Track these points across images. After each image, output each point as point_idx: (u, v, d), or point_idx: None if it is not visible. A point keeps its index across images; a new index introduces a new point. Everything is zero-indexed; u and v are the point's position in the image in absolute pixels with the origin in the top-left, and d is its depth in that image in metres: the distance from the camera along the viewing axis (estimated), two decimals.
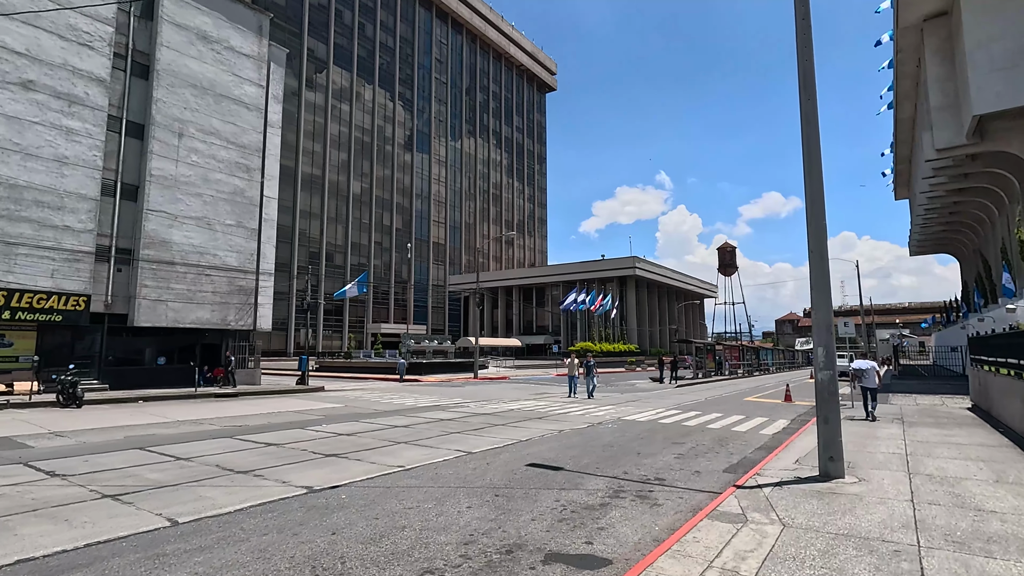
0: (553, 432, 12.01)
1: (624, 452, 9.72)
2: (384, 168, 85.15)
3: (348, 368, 42.50)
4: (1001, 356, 12.15)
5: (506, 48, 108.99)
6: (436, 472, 8.00)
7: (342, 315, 77.18)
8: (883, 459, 8.77)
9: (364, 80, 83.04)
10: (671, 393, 24.24)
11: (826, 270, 7.68)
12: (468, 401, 19.61)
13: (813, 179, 7.81)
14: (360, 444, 10.34)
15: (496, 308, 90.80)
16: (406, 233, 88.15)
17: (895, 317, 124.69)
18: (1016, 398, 10.55)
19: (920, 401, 19.15)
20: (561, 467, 8.41)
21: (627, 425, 13.31)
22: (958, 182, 36.30)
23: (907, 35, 34.04)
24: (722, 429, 12.88)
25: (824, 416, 7.47)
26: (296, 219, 72.07)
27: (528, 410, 16.54)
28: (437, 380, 34.00)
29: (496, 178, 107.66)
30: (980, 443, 10.20)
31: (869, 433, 11.52)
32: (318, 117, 75.94)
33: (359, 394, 23.44)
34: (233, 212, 25.76)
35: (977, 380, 15.96)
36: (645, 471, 8.23)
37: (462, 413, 15.64)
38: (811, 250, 7.78)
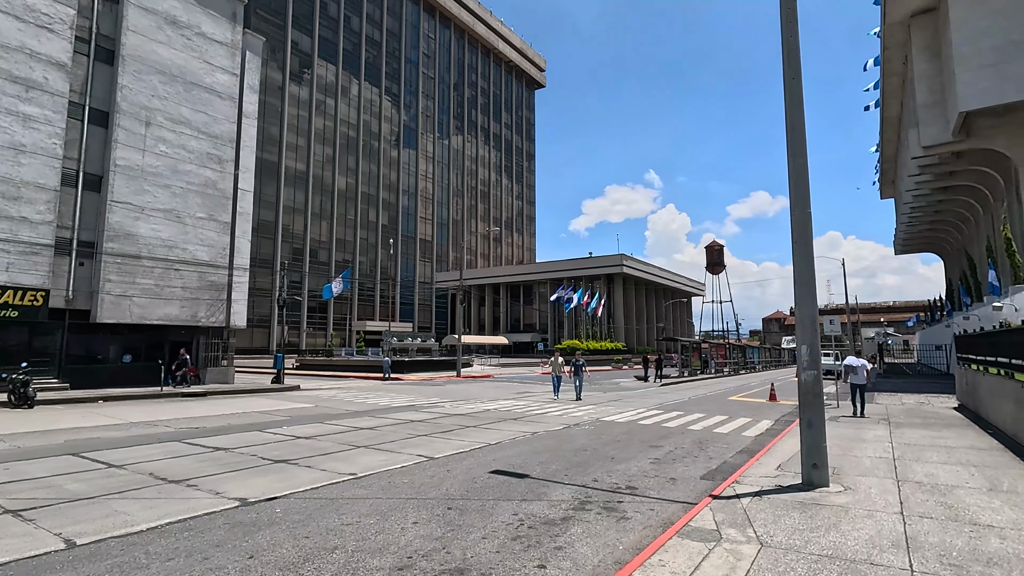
0: (526, 435, 11.40)
1: (597, 457, 9.12)
2: (370, 163, 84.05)
3: (329, 366, 41.62)
4: (991, 355, 11.72)
5: (494, 44, 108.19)
6: (389, 481, 7.34)
7: (326, 312, 76.13)
8: (870, 464, 8.25)
9: (350, 74, 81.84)
10: (655, 392, 23.75)
11: (811, 262, 7.12)
12: (445, 401, 18.96)
13: (797, 163, 7.24)
14: (317, 448, 9.66)
15: (483, 306, 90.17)
16: (392, 229, 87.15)
17: (880, 316, 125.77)
18: (1007, 399, 10.11)
19: (905, 400, 18.80)
20: (527, 474, 7.80)
21: (605, 427, 12.74)
22: (943, 180, 36.21)
23: (894, 31, 33.83)
24: (703, 431, 12.35)
25: (808, 420, 6.91)
26: (280, 215, 70.85)
27: (505, 411, 15.92)
28: (419, 379, 33.29)
29: (484, 175, 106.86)
30: (970, 446, 9.74)
31: (855, 435, 11.04)
32: (302, 111, 74.70)
33: (334, 393, 22.69)
34: (204, 205, 24.83)
35: (964, 379, 15.60)
36: (617, 478, 7.64)
37: (435, 414, 14.99)
38: (795, 241, 7.21)
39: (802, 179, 7.21)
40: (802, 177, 7.22)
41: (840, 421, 13.34)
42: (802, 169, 7.23)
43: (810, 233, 7.17)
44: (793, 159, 7.27)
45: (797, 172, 7.23)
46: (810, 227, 7.19)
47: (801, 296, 7.11)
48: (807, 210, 7.19)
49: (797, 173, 7.23)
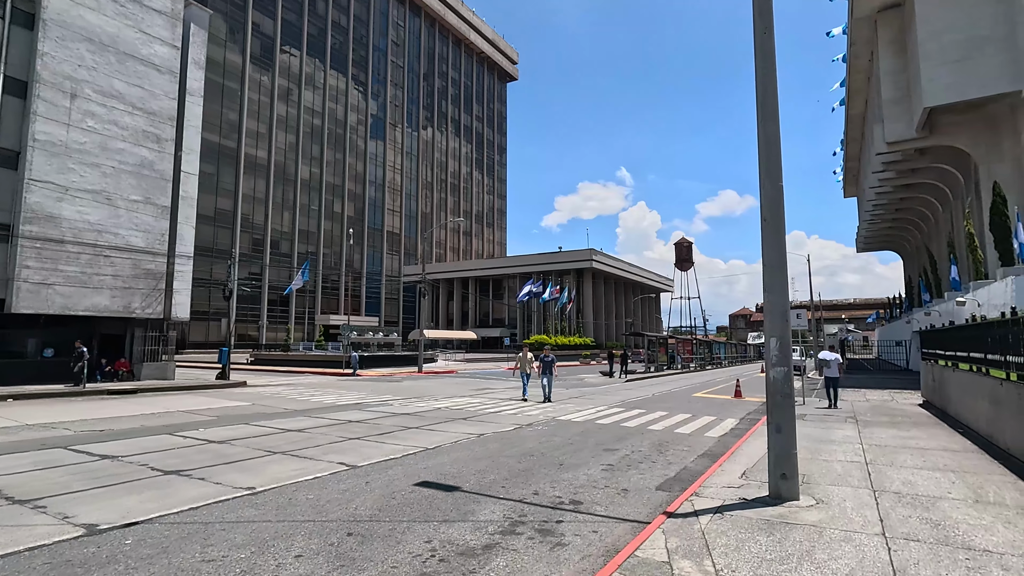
0: (471, 437, 10.33)
1: (544, 463, 8.12)
2: (336, 153, 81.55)
3: (286, 361, 39.81)
4: (962, 350, 11.17)
5: (466, 34, 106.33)
6: (291, 497, 6.18)
7: (288, 306, 73.56)
8: (842, 470, 7.45)
9: (315, 60, 79.09)
10: (619, 388, 22.99)
11: (782, 244, 6.23)
12: (396, 399, 17.75)
13: (768, 129, 6.33)
14: (224, 455, 8.39)
15: (452, 300, 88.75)
16: (359, 221, 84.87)
17: (841, 313, 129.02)
18: (982, 397, 9.50)
19: (870, 397, 18.43)
20: (457, 487, 6.73)
21: (560, 427, 11.77)
22: (906, 177, 36.52)
23: (861, 27, 33.79)
24: (664, 431, 11.49)
25: (776, 424, 6.02)
26: (239, 203, 68.01)
27: (456, 409, 14.83)
28: (378, 375, 31.91)
29: (454, 167, 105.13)
30: (943, 447, 9.09)
31: (823, 435, 10.32)
32: (264, 97, 71.79)
33: (281, 390, 21.23)
34: (140, 187, 22.94)
35: (931, 375, 15.19)
36: (561, 490, 6.64)
37: (379, 413, 13.79)
38: (764, 219, 6.30)
39: (773, 147, 6.30)
40: (773, 145, 6.30)
41: (807, 419, 12.68)
42: (773, 137, 6.32)
43: (782, 210, 6.27)
44: (764, 124, 6.35)
45: (768, 139, 6.32)
46: (782, 204, 6.29)
47: (771, 282, 6.21)
48: (778, 184, 6.28)
49: (768, 140, 6.32)
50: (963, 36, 25.72)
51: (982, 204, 27.22)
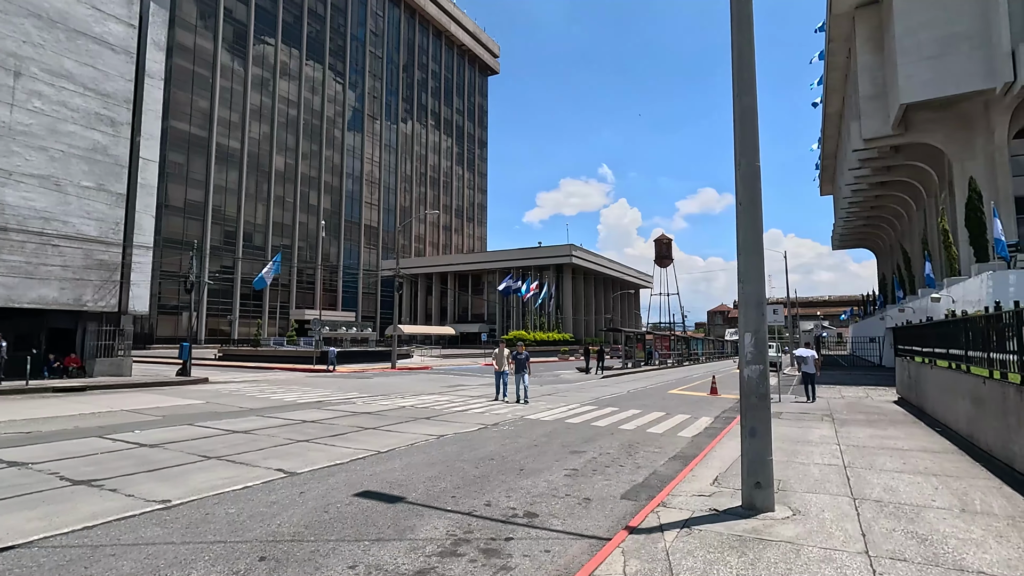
0: (430, 439, 9.67)
1: (502, 469, 7.50)
2: (312, 144, 79.76)
3: (256, 357, 38.57)
4: (941, 346, 10.85)
5: (447, 26, 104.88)
6: (208, 512, 5.45)
7: (262, 300, 71.81)
8: (819, 475, 6.97)
9: (290, 48, 77.13)
10: (594, 385, 22.52)
11: (759, 227, 5.67)
12: (361, 396, 16.98)
13: (744, 103, 5.76)
14: (150, 462, 7.60)
15: (430, 295, 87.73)
16: (335, 214, 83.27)
17: (816, 309, 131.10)
18: (962, 396, 9.14)
19: (845, 394, 18.22)
20: (402, 497, 6.07)
21: (527, 427, 11.16)
22: (881, 175, 36.71)
23: (839, 23, 33.76)
24: (636, 431, 10.97)
25: (751, 427, 5.48)
26: (210, 194, 66.05)
27: (422, 407, 14.14)
28: (350, 371, 31.00)
29: (434, 160, 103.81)
30: (923, 448, 8.70)
31: (800, 436, 9.89)
32: (237, 85, 69.74)
33: (242, 387, 20.28)
34: (92, 172, 21.69)
35: (907, 372, 14.95)
36: (517, 500, 6.02)
37: (338, 413, 13.04)
38: (740, 201, 5.74)
39: (750, 122, 5.74)
40: (750, 120, 5.74)
41: (783, 418, 12.29)
42: (750, 110, 5.75)
43: (759, 191, 5.71)
44: (740, 97, 5.78)
45: (744, 113, 5.75)
46: (759, 184, 5.73)
47: (747, 269, 5.65)
48: (755, 163, 5.72)
49: (744, 115, 5.75)
50: (940, 33, 25.72)
51: (956, 202, 27.34)
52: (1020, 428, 6.59)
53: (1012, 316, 6.84)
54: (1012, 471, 6.95)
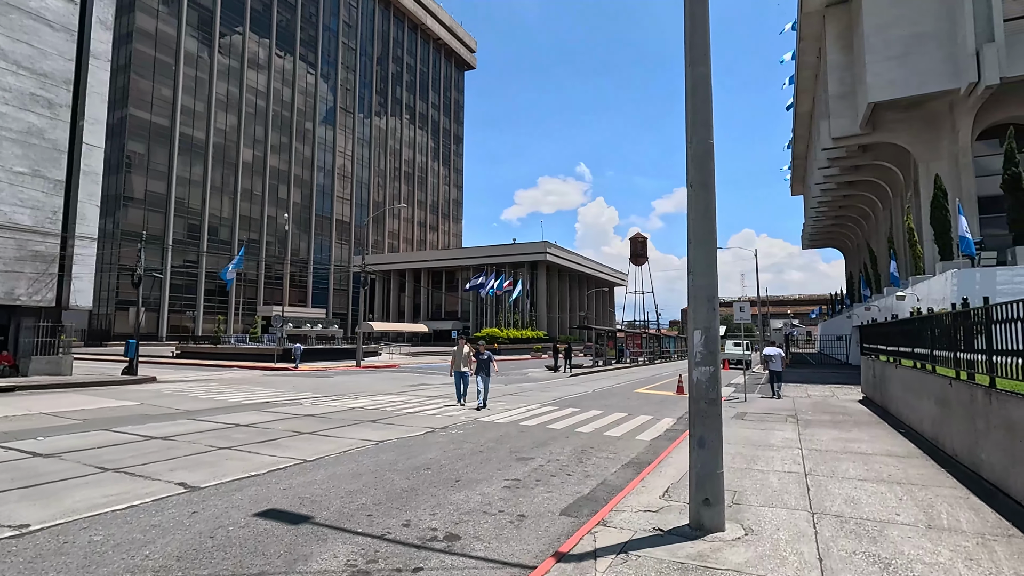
0: (368, 445, 8.91)
1: (436, 480, 6.80)
2: (281, 136, 77.67)
3: (215, 355, 37.10)
4: (906, 345, 10.50)
5: (422, 19, 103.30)
6: (69, 539, 4.63)
7: (227, 296, 69.57)
8: (778, 485, 6.44)
9: (259, 37, 74.88)
10: (561, 384, 21.95)
11: (711, 214, 5.07)
12: (313, 396, 16.08)
13: (697, 73, 5.15)
14: (34, 475, 6.69)
15: (403, 292, 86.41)
16: (306, 208, 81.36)
17: (787, 308, 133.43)
18: (927, 397, 8.76)
19: (812, 392, 17.99)
20: (310, 516, 5.32)
21: (478, 430, 10.48)
22: (849, 174, 36.97)
23: (810, 22, 33.79)
24: (593, 434, 10.38)
25: (699, 437, 4.88)
26: (173, 186, 63.70)
27: (372, 409, 13.34)
28: (313, 369, 29.90)
29: (409, 155, 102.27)
30: (887, 452, 8.28)
31: (761, 439, 9.41)
32: (202, 73, 67.37)
33: (190, 387, 19.15)
34: (27, 157, 20.25)
35: (872, 371, 14.70)
36: (441, 519, 5.33)
37: (280, 415, 12.16)
38: (691, 183, 5.13)
39: (703, 95, 5.13)
40: (703, 93, 5.13)
41: (747, 419, 11.85)
42: (703, 82, 5.14)
43: (711, 172, 5.11)
44: (692, 67, 5.17)
45: (696, 85, 5.14)
46: (712, 164, 5.13)
47: (697, 261, 5.05)
48: (708, 140, 5.12)
49: (696, 87, 5.14)
50: (907, 32, 25.79)
51: (921, 201, 27.53)
52: (988, 433, 6.14)
53: (981, 313, 6.40)
54: (979, 479, 6.53)
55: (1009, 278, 15.13)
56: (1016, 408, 5.38)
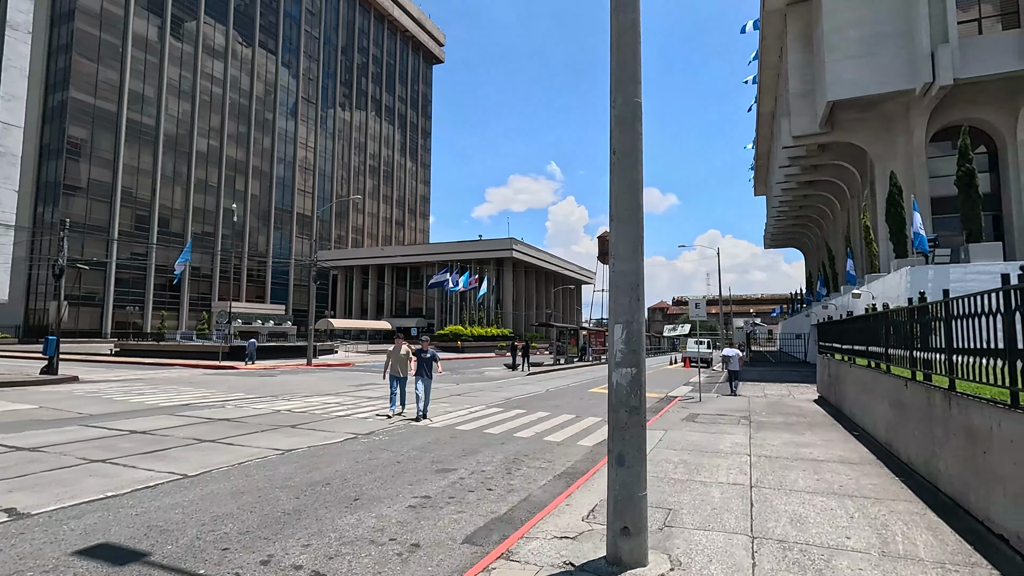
0: (271, 455, 7.87)
1: (331, 499, 5.83)
2: (239, 125, 74.72)
3: (157, 353, 35.02)
4: (860, 343, 10.02)
5: (389, 10, 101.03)
6: None
7: (179, 291, 66.44)
8: (719, 499, 5.71)
9: (215, 20, 71.74)
10: (516, 383, 21.14)
11: (637, 188, 4.26)
12: (244, 398, 14.84)
13: (623, 21, 4.32)
14: None
15: (366, 289, 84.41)
16: (265, 201, 78.55)
17: (750, 307, 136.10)
18: (881, 399, 8.22)
19: (768, 392, 17.63)
20: (148, 553, 4.31)
21: (405, 437, 9.53)
22: (809, 174, 37.24)
23: (772, 21, 33.77)
24: (532, 439, 9.56)
25: (618, 454, 4.07)
26: (119, 174, 60.41)
27: (300, 412, 12.24)
28: (260, 367, 28.35)
29: (374, 149, 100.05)
30: (840, 458, 7.69)
31: (710, 444, 8.74)
32: (152, 56, 64.11)
33: (109, 388, 17.60)
34: None
35: (826, 370, 14.33)
36: (313, 552, 4.38)
37: (190, 420, 10.96)
38: (615, 150, 4.31)
39: (630, 45, 4.30)
40: (630, 42, 4.30)
41: (699, 420, 11.23)
42: (630, 29, 4.31)
43: (639, 137, 4.29)
44: (617, 13, 4.34)
45: (622, 34, 4.31)
46: (639, 127, 4.31)
47: (619, 241, 4.23)
48: (636, 99, 4.30)
49: (622, 36, 4.31)
50: (866, 31, 25.83)
51: (877, 200, 27.73)
52: (947, 441, 5.53)
53: (939, 308, 5.79)
54: (936, 491, 5.93)
55: (962, 275, 15.01)
56: (978, 414, 4.75)
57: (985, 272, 14.55)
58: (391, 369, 11.82)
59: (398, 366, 11.78)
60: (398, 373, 11.77)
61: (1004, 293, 4.21)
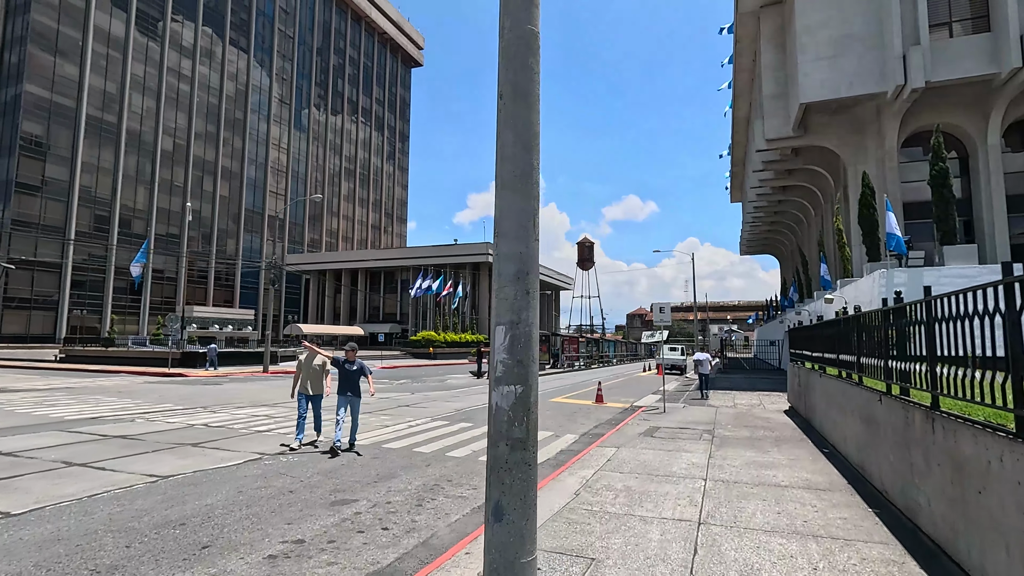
0: (139, 484, 6.60)
1: (169, 548, 4.62)
2: (207, 124, 72.48)
3: (104, 359, 33.02)
4: (831, 351, 9.11)
5: (367, 11, 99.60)
6: None
7: (141, 295, 63.83)
8: (658, 545, 4.64)
9: (182, 16, 69.58)
10: (476, 392, 19.96)
11: (531, 139, 3.19)
12: (172, 409, 13.43)
13: None
14: None
15: (339, 293, 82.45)
16: (235, 203, 76.25)
17: (727, 314, 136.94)
18: (852, 415, 7.27)
19: (739, 401, 16.76)
20: None
21: (315, 458, 8.31)
22: (783, 179, 36.92)
23: (746, 23, 33.38)
24: (465, 459, 8.42)
25: (495, 503, 2.97)
26: (77, 172, 57.86)
27: (216, 427, 10.92)
28: (212, 374, 26.74)
29: (350, 151, 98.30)
30: (806, 483, 6.71)
31: (663, 465, 7.70)
32: (114, 51, 61.74)
33: (21, 398, 15.97)
34: None
35: (797, 379, 13.48)
36: None
37: (81, 437, 9.60)
38: (501, 96, 3.24)
39: None
40: None
41: (657, 435, 10.22)
42: None
43: (534, 77, 3.23)
44: None
45: None
46: (535, 64, 3.25)
47: (505, 211, 3.17)
48: (530, 26, 3.24)
49: None
50: (837, 33, 25.45)
51: (850, 204, 27.31)
52: (928, 472, 4.55)
53: (920, 309, 4.84)
54: (916, 529, 4.95)
55: (936, 278, 14.34)
56: (970, 443, 3.76)
57: (960, 275, 13.89)
58: (300, 384, 8.99)
59: (309, 381, 8.98)
60: (308, 390, 8.96)
61: (1007, 287, 3.24)
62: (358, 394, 8.81)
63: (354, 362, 8.90)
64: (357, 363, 8.92)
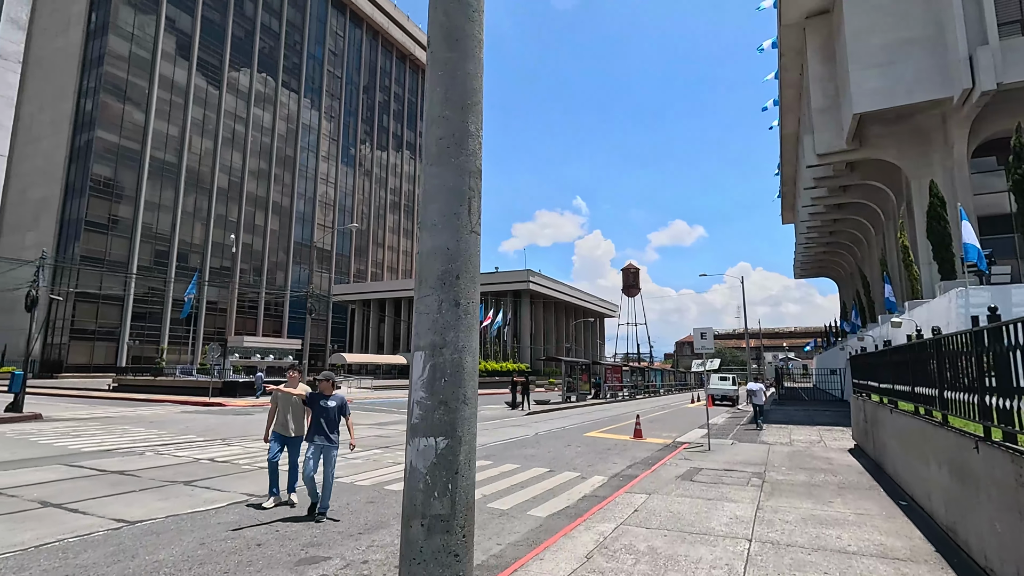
0: (99, 531, 5.97)
1: None
2: (260, 161, 75.97)
3: (151, 388, 33.91)
4: (902, 381, 7.68)
5: (411, 50, 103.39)
6: None
7: (195, 326, 66.28)
8: None
9: (239, 62, 73.89)
10: (508, 424, 18.92)
11: (472, 97, 2.34)
12: (178, 443, 13.08)
13: None
14: None
15: (383, 323, 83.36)
16: (284, 236, 79.02)
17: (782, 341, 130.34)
18: (937, 462, 5.89)
19: (795, 436, 15.03)
20: None
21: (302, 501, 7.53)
22: (837, 196, 34.68)
23: (790, 35, 31.98)
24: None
25: None
26: (140, 210, 61.40)
27: (220, 462, 10.36)
28: (245, 404, 26.80)
29: (395, 184, 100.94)
30: (879, 548, 5.37)
31: (699, 520, 6.48)
32: (176, 96, 65.87)
33: (54, 428, 16.10)
34: None
35: (862, 414, 11.81)
36: None
37: (81, 472, 9.21)
38: (430, 40, 2.42)
39: None
40: None
41: (698, 479, 8.93)
42: None
43: (473, 15, 2.40)
44: None
45: None
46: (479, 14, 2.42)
47: (431, 194, 2.30)
48: None
49: None
50: (890, 38, 23.78)
51: (915, 220, 25.09)
52: None
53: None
54: None
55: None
56: None
57: None
58: (277, 423, 7.11)
59: (290, 418, 7.10)
60: (289, 431, 7.08)
61: None
62: (335, 441, 6.74)
63: (331, 396, 6.88)
64: (336, 398, 6.91)
